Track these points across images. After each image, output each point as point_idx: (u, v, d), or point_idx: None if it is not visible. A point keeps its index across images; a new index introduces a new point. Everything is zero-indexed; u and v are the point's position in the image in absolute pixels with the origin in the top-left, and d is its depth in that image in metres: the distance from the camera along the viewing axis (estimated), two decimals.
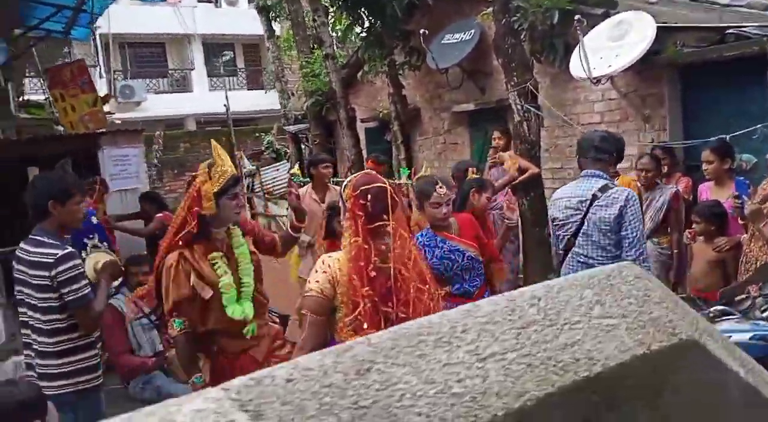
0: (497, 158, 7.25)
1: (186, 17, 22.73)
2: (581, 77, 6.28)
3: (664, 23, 6.15)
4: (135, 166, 7.96)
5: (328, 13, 10.61)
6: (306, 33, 12.20)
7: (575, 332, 0.75)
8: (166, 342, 4.38)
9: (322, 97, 11.36)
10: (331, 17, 10.77)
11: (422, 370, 0.66)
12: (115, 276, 3.94)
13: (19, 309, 3.60)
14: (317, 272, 2.60)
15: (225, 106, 19.74)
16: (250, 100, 23.63)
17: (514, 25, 7.00)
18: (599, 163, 3.99)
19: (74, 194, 3.55)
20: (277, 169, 15.17)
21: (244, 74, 26.54)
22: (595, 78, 6.11)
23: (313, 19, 10.68)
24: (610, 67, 6.05)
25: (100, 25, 21.83)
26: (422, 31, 8.18)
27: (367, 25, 9.46)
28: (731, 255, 4.59)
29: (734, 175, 4.99)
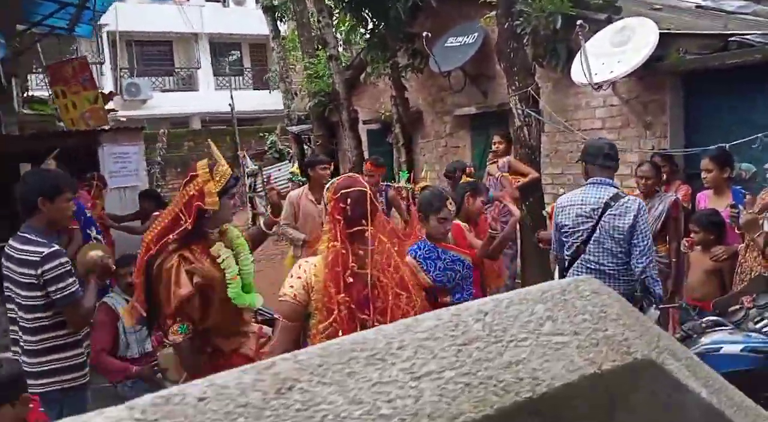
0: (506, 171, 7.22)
1: (193, 16, 22.76)
2: (582, 83, 6.24)
3: (667, 30, 6.10)
4: (135, 163, 7.95)
5: (333, 15, 10.59)
6: (311, 34, 12.18)
7: (521, 350, 0.71)
8: (156, 342, 4.32)
9: (325, 98, 11.34)
10: (335, 18, 10.74)
11: (350, 389, 0.62)
12: (104, 276, 3.90)
13: (8, 305, 3.59)
14: (292, 277, 2.56)
15: (230, 105, 19.85)
16: (255, 100, 23.71)
17: (516, 29, 6.97)
18: (607, 171, 4.04)
19: (64, 191, 3.51)
20: (279, 169, 15.20)
21: (250, 74, 26.57)
22: (596, 84, 6.07)
23: (318, 20, 10.66)
24: (612, 72, 6.01)
25: (107, 22, 21.99)
26: (425, 34, 8.16)
27: (370, 26, 9.44)
28: (728, 264, 4.54)
29: (733, 184, 4.95)
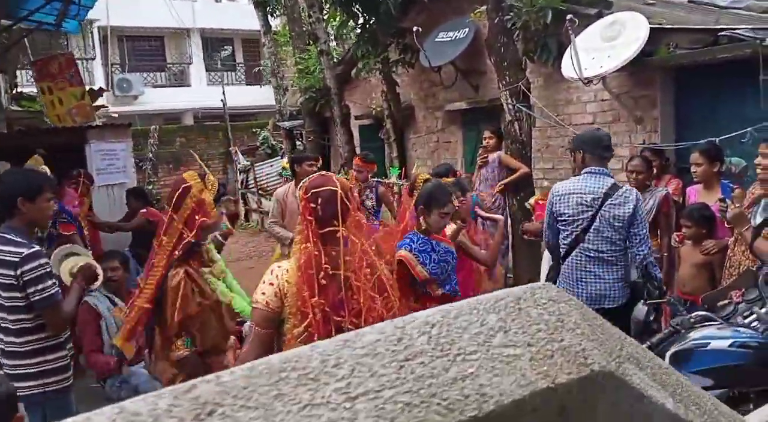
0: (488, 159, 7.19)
1: (185, 11, 22.61)
2: (572, 78, 6.20)
3: (658, 24, 6.06)
4: (123, 160, 7.88)
5: (323, 10, 10.51)
6: (302, 29, 12.11)
7: (469, 364, 0.67)
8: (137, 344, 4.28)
9: (316, 93, 11.27)
10: (326, 13, 10.67)
11: (276, 413, 0.58)
12: (90, 281, 3.86)
13: None
14: (264, 283, 2.49)
15: (222, 101, 19.76)
16: (248, 95, 23.59)
17: (507, 24, 6.92)
18: (604, 161, 4.14)
19: (44, 191, 3.47)
20: (271, 165, 15.13)
21: (243, 69, 26.43)
22: (586, 78, 6.03)
23: (309, 14, 10.59)
24: (602, 67, 5.96)
25: (98, 17, 21.82)
26: (415, 29, 8.09)
27: (361, 21, 9.38)
28: (718, 258, 4.53)
29: (723, 178, 4.93)
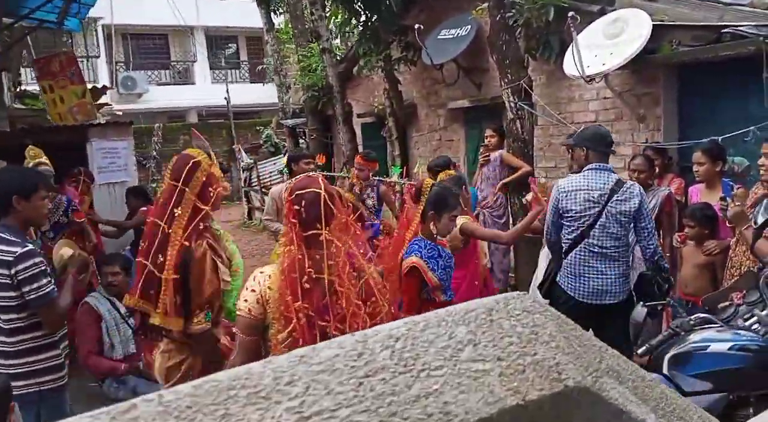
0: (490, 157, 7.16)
1: (189, 9, 22.59)
2: (574, 75, 6.15)
3: (660, 21, 6.00)
4: (124, 158, 7.86)
5: (326, 7, 10.48)
6: (304, 26, 12.08)
7: (434, 380, 0.64)
8: (144, 346, 4.25)
9: (318, 91, 11.24)
10: (328, 11, 10.63)
11: None
12: (81, 271, 3.83)
13: None
14: (246, 289, 2.47)
15: (226, 98, 19.75)
16: (252, 93, 23.56)
17: (509, 21, 6.88)
18: (606, 157, 4.19)
19: (39, 189, 3.46)
20: (274, 163, 15.10)
21: (247, 67, 26.41)
22: (588, 76, 5.97)
23: (311, 12, 10.55)
24: (604, 65, 5.91)
25: (102, 15, 21.84)
26: (417, 26, 8.05)
27: (363, 19, 9.33)
28: (721, 258, 4.48)
29: (725, 177, 4.87)
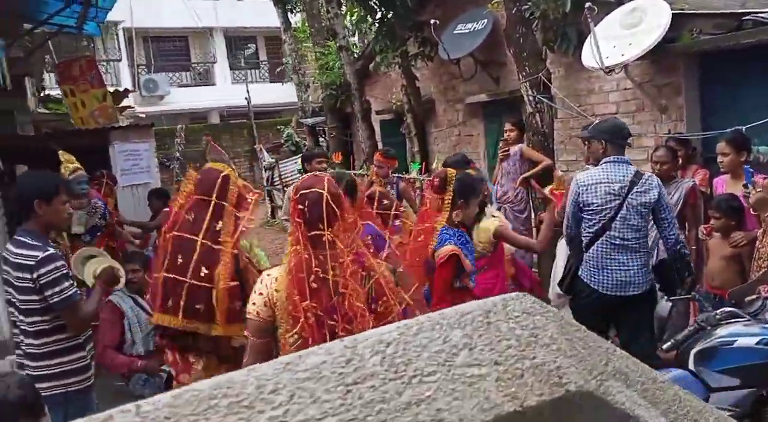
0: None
1: (207, 10, 22.72)
2: (593, 67, 6.07)
3: (680, 10, 5.90)
4: (146, 160, 7.94)
5: (341, 5, 10.47)
6: (321, 25, 12.09)
7: (426, 386, 0.62)
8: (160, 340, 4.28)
9: (336, 89, 11.25)
10: (344, 9, 10.63)
11: None
12: (112, 283, 3.88)
13: (9, 309, 3.58)
14: (255, 292, 2.46)
15: (246, 99, 19.84)
16: (272, 93, 23.64)
17: (525, 13, 6.81)
18: (623, 149, 4.21)
19: (60, 193, 3.49)
20: (296, 162, 15.12)
21: (266, 67, 26.50)
22: (607, 67, 5.89)
23: (327, 10, 10.55)
24: (623, 56, 5.82)
25: (123, 19, 22.06)
26: (433, 22, 8.01)
27: (379, 16, 9.31)
28: (748, 250, 4.38)
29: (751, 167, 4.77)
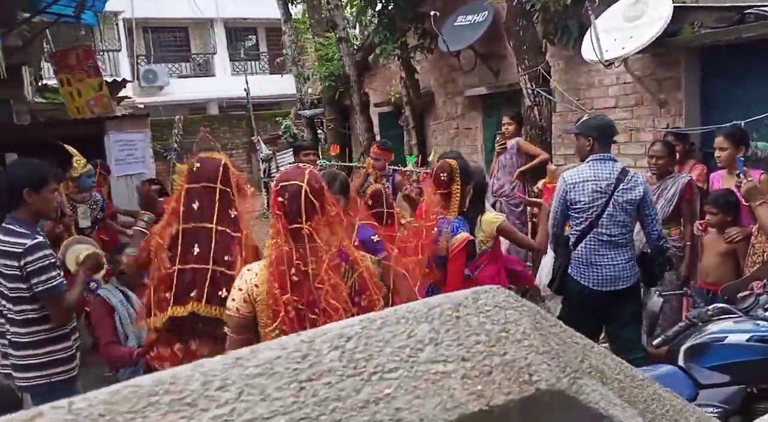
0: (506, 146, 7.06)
1: (209, 1, 22.61)
2: (593, 60, 6.01)
3: (682, 2, 5.83)
4: (141, 150, 7.89)
5: None
6: (321, 16, 12.01)
7: (386, 384, 0.57)
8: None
9: (335, 81, 11.19)
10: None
11: None
12: (96, 269, 3.84)
13: None
14: (234, 288, 2.42)
15: (245, 90, 19.77)
16: (272, 84, 23.55)
17: (526, 5, 6.75)
18: (609, 147, 4.29)
19: (49, 181, 3.48)
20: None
21: (266, 58, 26.41)
22: (607, 61, 5.83)
23: (327, 1, 10.48)
24: (624, 49, 5.76)
25: (123, 9, 21.96)
26: (433, 13, 7.94)
27: (379, 7, 9.23)
28: (743, 246, 4.35)
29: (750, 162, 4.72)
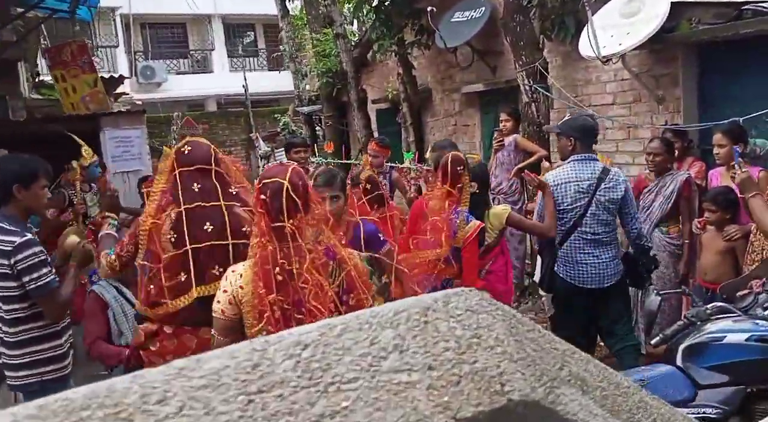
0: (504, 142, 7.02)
1: None
2: (590, 56, 5.96)
3: None
4: (137, 147, 7.85)
5: None
6: (318, 12, 11.96)
7: (344, 396, 0.54)
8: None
9: (333, 78, 11.14)
10: None
11: None
12: (85, 263, 3.79)
13: None
14: (219, 290, 2.39)
15: (244, 86, 19.71)
16: (271, 81, 23.49)
17: (523, 1, 6.71)
18: (591, 147, 4.38)
19: (39, 178, 3.44)
20: None
21: (264, 55, 26.34)
22: (604, 57, 5.78)
23: None
24: (621, 45, 5.71)
25: (120, 5, 21.89)
26: (430, 9, 7.89)
27: (375, 3, 9.17)
28: (742, 244, 4.31)
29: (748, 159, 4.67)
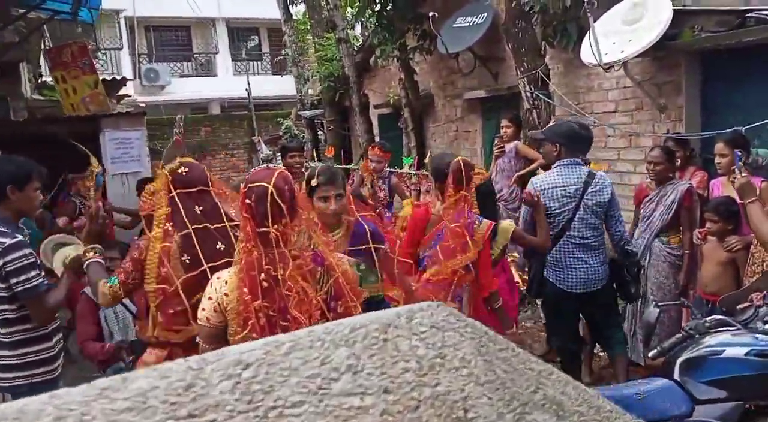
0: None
1: (210, 0, 22.56)
2: (591, 63, 5.92)
3: (682, 6, 5.74)
4: (137, 149, 7.82)
5: None
6: (321, 16, 11.95)
7: (287, 421, 0.49)
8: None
9: (335, 82, 11.12)
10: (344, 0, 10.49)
11: None
12: (80, 274, 3.76)
13: None
14: (204, 297, 2.34)
15: (247, 90, 19.71)
16: (274, 85, 23.50)
17: (525, 7, 6.67)
18: (577, 154, 4.41)
19: (32, 179, 3.42)
20: None
21: (268, 58, 26.35)
22: (606, 64, 5.73)
23: (327, 1, 10.41)
24: (623, 52, 5.67)
25: (125, 7, 21.92)
26: (432, 14, 7.86)
27: (378, 8, 9.15)
28: (743, 255, 4.24)
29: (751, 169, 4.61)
